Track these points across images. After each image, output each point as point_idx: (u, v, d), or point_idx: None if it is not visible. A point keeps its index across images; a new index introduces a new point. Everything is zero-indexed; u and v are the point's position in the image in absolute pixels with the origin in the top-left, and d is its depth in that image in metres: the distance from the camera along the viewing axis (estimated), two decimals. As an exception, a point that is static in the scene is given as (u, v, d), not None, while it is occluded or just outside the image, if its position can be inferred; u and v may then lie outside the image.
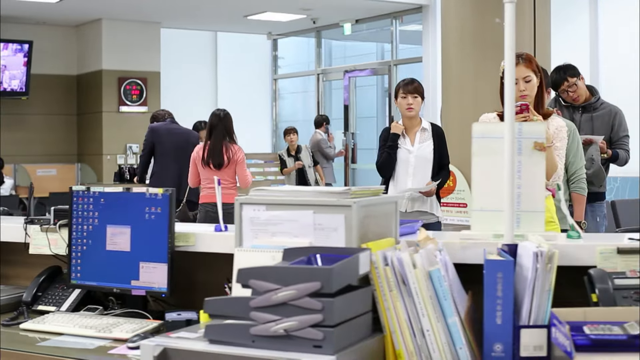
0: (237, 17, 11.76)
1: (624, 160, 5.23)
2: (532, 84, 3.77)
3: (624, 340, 1.84)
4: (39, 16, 11.37)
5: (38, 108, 12.12)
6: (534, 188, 2.26)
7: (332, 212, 2.11)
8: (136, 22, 11.98)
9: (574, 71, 5.20)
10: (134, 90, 12.10)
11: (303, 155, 10.52)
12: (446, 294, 2.05)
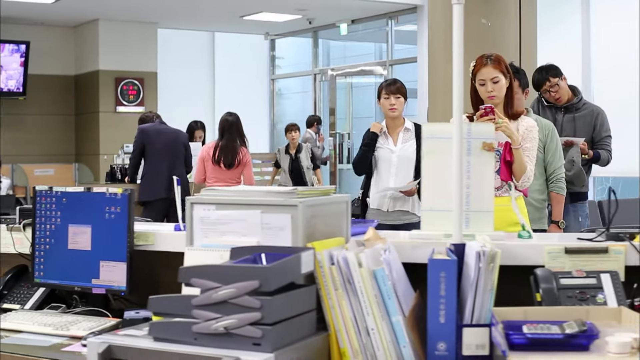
0: (234, 17, 11.80)
1: (605, 161, 5.24)
2: (500, 85, 3.78)
3: (560, 339, 1.86)
4: (36, 17, 11.42)
5: (36, 108, 12.17)
6: (483, 188, 2.28)
7: (278, 212, 2.14)
8: (133, 23, 12.03)
9: (556, 71, 5.21)
10: (130, 91, 12.15)
11: (302, 156, 9.88)
12: (390, 293, 2.07)
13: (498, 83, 3.78)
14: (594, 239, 2.31)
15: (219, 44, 13.79)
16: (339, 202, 2.30)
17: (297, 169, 9.78)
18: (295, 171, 9.78)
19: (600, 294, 2.11)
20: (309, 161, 9.83)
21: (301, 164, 9.74)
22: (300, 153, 9.82)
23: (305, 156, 9.82)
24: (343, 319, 2.10)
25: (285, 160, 9.85)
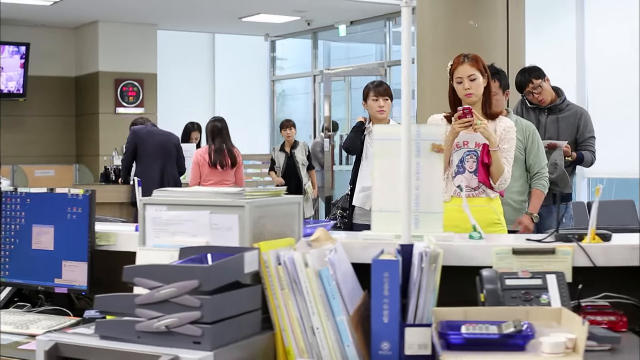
0: (232, 19, 11.83)
1: (589, 162, 5.24)
2: (477, 83, 3.80)
3: (495, 339, 1.88)
4: (36, 18, 11.48)
5: (36, 109, 12.23)
6: (432, 189, 2.30)
7: (226, 213, 2.16)
8: (133, 24, 12.08)
9: (539, 73, 5.22)
10: (130, 92, 12.20)
11: (297, 151, 9.52)
12: (334, 292, 2.09)
13: (475, 81, 3.80)
14: (543, 240, 2.32)
15: (219, 45, 13.83)
16: (290, 203, 2.32)
17: (292, 165, 9.45)
18: (289, 168, 9.45)
19: (545, 295, 2.13)
20: (304, 157, 9.51)
21: (296, 159, 9.47)
22: (296, 149, 9.53)
23: (300, 152, 9.52)
24: (289, 318, 2.12)
25: (280, 158, 9.57)
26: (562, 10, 8.82)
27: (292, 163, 9.44)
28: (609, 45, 8.30)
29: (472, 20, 6.00)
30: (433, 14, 6.24)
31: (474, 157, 3.82)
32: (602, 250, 2.24)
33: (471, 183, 3.80)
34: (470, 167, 3.82)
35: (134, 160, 7.52)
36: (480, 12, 6.02)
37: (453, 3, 6.08)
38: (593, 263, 2.22)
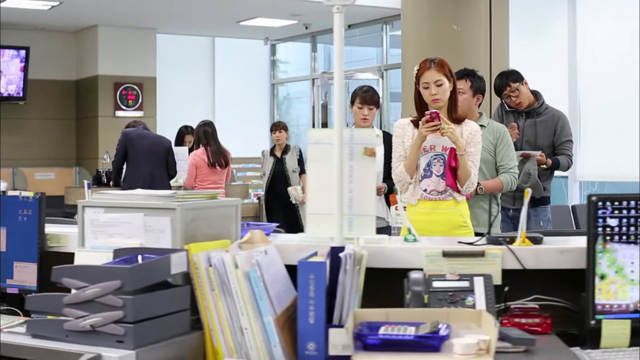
0: (231, 23, 11.89)
1: (566, 166, 5.25)
2: (443, 88, 3.83)
3: (410, 340, 1.91)
4: (36, 22, 11.57)
5: (37, 113, 12.32)
6: (365, 192, 2.33)
7: (159, 215, 2.21)
8: (132, 28, 12.15)
9: (517, 76, 5.24)
10: (129, 95, 12.27)
11: (288, 157, 8.55)
12: (262, 294, 2.13)
13: (442, 86, 3.83)
14: (475, 242, 2.35)
15: (219, 49, 13.89)
16: (226, 206, 2.36)
17: (280, 172, 8.53)
18: (277, 174, 8.54)
19: (471, 297, 2.16)
20: (296, 164, 8.50)
21: (286, 167, 8.51)
22: (287, 154, 8.59)
23: (291, 158, 8.56)
24: (219, 318, 2.16)
25: (268, 163, 8.74)
26: (553, 13, 8.82)
27: (281, 169, 8.55)
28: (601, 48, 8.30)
29: (454, 24, 6.03)
30: (416, 18, 6.27)
31: (441, 160, 3.85)
32: (532, 253, 2.26)
33: (438, 187, 3.83)
34: (438, 171, 3.85)
35: (124, 162, 7.60)
36: (462, 16, 6.05)
37: (436, 7, 6.12)
38: (522, 266, 2.25)
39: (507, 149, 4.46)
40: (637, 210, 2.12)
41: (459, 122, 3.91)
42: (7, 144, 12.00)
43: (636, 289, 2.13)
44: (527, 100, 5.27)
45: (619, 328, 2.10)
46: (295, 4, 10.58)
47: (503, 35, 6.23)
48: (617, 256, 2.12)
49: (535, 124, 5.25)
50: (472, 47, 6.04)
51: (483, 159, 4.42)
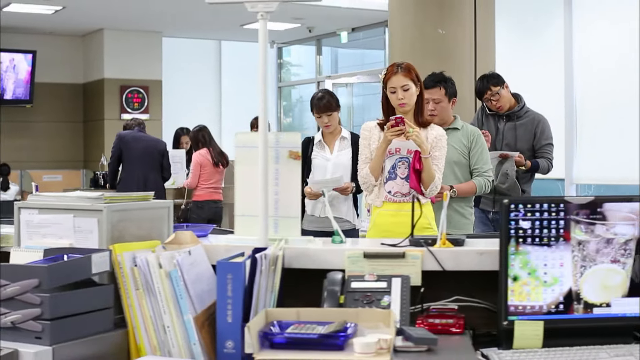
0: (235, 26, 11.98)
1: (545, 169, 5.27)
2: (410, 93, 3.88)
3: (314, 339, 1.96)
4: (44, 26, 11.73)
5: (44, 115, 12.48)
6: (291, 194, 2.38)
7: (87, 216, 2.27)
8: (138, 32, 12.28)
9: (497, 80, 5.26)
10: (135, 98, 12.40)
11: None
12: (182, 293, 2.19)
13: (408, 91, 3.88)
14: (398, 244, 2.40)
15: (226, 52, 13.99)
16: (157, 208, 2.42)
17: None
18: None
19: (387, 297, 2.20)
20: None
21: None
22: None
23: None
24: (142, 317, 2.23)
25: None
26: (549, 16, 8.82)
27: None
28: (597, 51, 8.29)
29: (440, 28, 6.07)
30: (402, 22, 6.32)
31: (405, 163, 3.89)
32: (451, 255, 2.31)
33: (402, 189, 3.88)
34: (402, 174, 3.89)
35: (119, 165, 7.70)
36: (446, 20, 6.08)
37: (422, 11, 6.16)
38: (442, 267, 2.29)
39: (482, 152, 4.49)
40: (549, 213, 2.16)
41: (424, 126, 3.96)
42: (15, 146, 12.18)
43: (549, 290, 2.17)
44: (508, 103, 5.30)
45: (532, 329, 2.14)
46: (297, 7, 10.64)
47: (489, 38, 6.25)
48: (530, 258, 2.16)
49: (516, 127, 5.27)
50: (457, 50, 6.07)
51: (456, 161, 4.46)
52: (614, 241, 2.18)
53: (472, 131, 4.54)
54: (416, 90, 3.91)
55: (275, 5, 2.36)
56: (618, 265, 2.19)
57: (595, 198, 2.18)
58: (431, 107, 4.45)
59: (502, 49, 9.33)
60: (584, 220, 2.17)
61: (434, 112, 4.46)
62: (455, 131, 4.52)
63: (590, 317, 2.18)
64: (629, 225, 2.19)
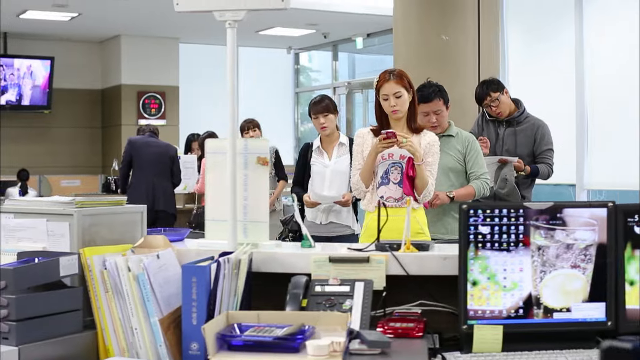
0: (250, 32, 12.08)
1: (545, 175, 5.26)
2: (402, 100, 3.91)
3: (270, 341, 2.00)
4: (62, 33, 11.89)
5: (63, 121, 12.65)
6: (259, 200, 2.43)
7: (59, 220, 2.33)
8: (155, 38, 12.41)
9: (497, 86, 5.27)
10: (152, 104, 12.53)
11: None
12: (149, 295, 2.24)
13: (401, 98, 3.91)
14: (364, 249, 2.44)
15: (243, 58, 14.08)
16: (130, 212, 2.48)
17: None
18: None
19: (348, 301, 2.24)
20: (271, 166, 7.03)
21: None
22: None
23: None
24: (112, 319, 2.28)
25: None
26: (560, 22, 8.80)
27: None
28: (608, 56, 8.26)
29: (443, 34, 6.09)
30: (406, 28, 6.35)
31: (398, 168, 3.92)
32: (415, 260, 2.34)
33: (395, 194, 3.90)
34: (395, 179, 3.92)
35: (130, 170, 7.77)
36: (449, 27, 6.10)
37: (425, 18, 6.19)
38: (406, 272, 2.32)
39: (477, 157, 4.51)
40: (509, 219, 2.19)
41: (417, 132, 3.98)
42: (34, 151, 12.36)
43: (509, 295, 2.19)
44: (508, 109, 5.30)
45: (491, 333, 2.17)
46: (311, 13, 10.71)
47: (493, 45, 6.26)
48: (489, 263, 2.18)
49: (515, 133, 5.27)
50: (460, 56, 6.09)
51: (452, 167, 4.48)
52: (574, 246, 2.20)
53: (466, 137, 4.56)
54: (409, 97, 3.94)
55: (243, 14, 2.43)
56: (578, 270, 2.21)
57: (554, 204, 2.20)
58: (433, 119, 4.48)
59: (514, 54, 9.36)
60: (544, 225, 2.19)
61: (436, 124, 4.49)
62: (450, 138, 4.55)
63: (550, 321, 2.20)
64: (589, 230, 2.21)
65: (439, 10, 6.11)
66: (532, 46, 9.19)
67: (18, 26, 11.16)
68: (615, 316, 2.21)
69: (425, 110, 4.45)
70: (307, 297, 2.26)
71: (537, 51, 9.08)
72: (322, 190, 5.01)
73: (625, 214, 2.22)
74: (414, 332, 2.18)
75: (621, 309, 2.21)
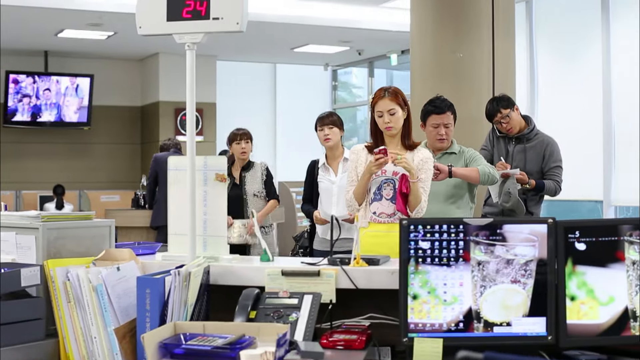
0: (286, 50, 12.24)
1: (552, 191, 5.25)
2: (396, 117, 3.96)
3: (207, 350, 2.09)
4: (102, 51, 12.19)
5: (102, 137, 12.94)
6: (218, 215, 2.52)
7: (26, 234, 2.47)
8: (193, 56, 12.63)
9: (507, 102, 5.29)
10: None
11: (249, 176, 5.98)
12: (106, 306, 2.36)
13: (395, 114, 3.96)
14: (317, 263, 2.51)
15: (281, 75, 14.26)
16: (98, 227, 2.60)
17: (236, 197, 5.83)
18: (234, 200, 5.62)
19: (295, 313, 2.32)
20: (261, 185, 6.01)
21: (245, 189, 5.95)
22: (248, 172, 6.04)
23: (253, 178, 6.02)
24: (73, 327, 2.40)
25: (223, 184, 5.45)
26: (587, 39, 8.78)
27: (237, 193, 5.92)
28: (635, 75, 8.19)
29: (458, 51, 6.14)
30: (421, 45, 6.40)
31: (391, 184, 3.98)
32: (364, 274, 2.41)
33: (388, 210, 3.96)
34: (387, 195, 3.98)
35: (156, 186, 7.94)
36: (463, 43, 6.14)
37: (439, 35, 6.23)
38: (355, 285, 2.39)
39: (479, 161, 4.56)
40: (449, 234, 2.24)
41: (411, 148, 4.02)
42: (74, 167, 12.68)
43: (449, 309, 2.25)
44: (518, 126, 5.31)
45: (431, 346, 2.22)
46: (342, 30, 10.81)
47: (509, 62, 6.26)
48: (429, 277, 2.24)
49: (525, 150, 5.28)
50: (475, 73, 6.11)
51: (456, 185, 4.53)
52: (514, 262, 2.25)
53: (468, 155, 4.60)
54: (403, 114, 3.98)
55: (200, 37, 2.53)
56: (518, 285, 2.25)
57: (494, 219, 2.25)
58: (442, 131, 4.54)
59: (542, 72, 9.36)
60: (484, 241, 2.24)
61: (444, 137, 4.55)
62: (452, 155, 4.60)
63: (491, 335, 2.25)
64: (529, 246, 2.25)
65: (454, 27, 6.15)
66: (561, 65, 9.19)
67: (58, 45, 11.49)
68: (555, 331, 2.25)
69: (436, 122, 4.53)
70: (257, 308, 2.34)
71: (566, 69, 9.07)
72: (330, 208, 5.08)
73: (566, 230, 2.26)
74: (355, 344, 2.24)
75: (562, 323, 2.25)
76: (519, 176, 5.07)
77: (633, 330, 2.25)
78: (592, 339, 2.25)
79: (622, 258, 2.26)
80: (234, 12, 2.51)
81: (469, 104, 5.97)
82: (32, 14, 9.47)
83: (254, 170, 6.08)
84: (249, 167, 6.09)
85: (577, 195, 8.61)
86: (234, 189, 5.87)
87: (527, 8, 9.45)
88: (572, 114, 8.87)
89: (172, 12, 2.55)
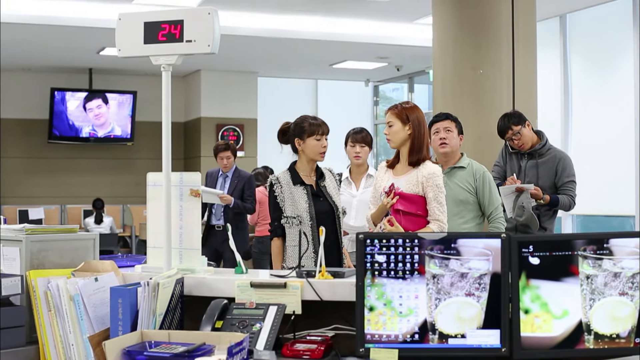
0: (324, 66, 12.37)
1: (566, 206, 5.25)
2: (393, 130, 4.01)
3: (167, 357, 2.20)
4: (146, 68, 12.49)
5: (145, 152, 13.23)
6: (193, 229, 2.64)
7: (11, 246, 2.61)
8: (234, 72, 12.86)
9: (519, 119, 5.32)
10: (231, 136, 12.96)
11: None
12: (83, 314, 2.49)
13: (392, 127, 4.04)
14: (287, 275, 2.60)
15: (322, 91, 14.39)
16: (82, 239, 2.73)
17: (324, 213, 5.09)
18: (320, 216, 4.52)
19: (259, 324, 2.41)
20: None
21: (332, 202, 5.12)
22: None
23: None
24: (53, 335, 2.53)
25: (301, 197, 4.85)
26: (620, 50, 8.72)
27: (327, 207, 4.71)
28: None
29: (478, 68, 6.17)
30: (443, 62, 6.45)
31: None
32: (328, 286, 2.49)
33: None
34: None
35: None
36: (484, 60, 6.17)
37: (459, 51, 6.27)
38: (320, 297, 2.48)
39: (490, 192, 4.58)
40: (404, 248, 2.32)
41: (416, 165, 4.04)
42: (117, 182, 12.99)
43: (405, 320, 2.32)
44: (530, 141, 5.33)
45: (387, 357, 2.29)
46: (379, 47, 10.90)
47: (530, 78, 6.27)
48: (385, 290, 2.32)
49: (537, 165, 5.30)
50: (495, 90, 6.14)
51: (463, 200, 4.57)
52: (468, 275, 2.31)
53: (477, 169, 4.64)
54: (403, 129, 4.02)
55: (175, 59, 2.65)
56: (473, 298, 2.31)
57: (448, 234, 2.32)
58: (442, 135, 4.63)
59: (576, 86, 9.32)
60: (438, 255, 2.31)
61: (445, 140, 4.63)
62: (462, 170, 4.65)
63: (445, 347, 2.31)
64: (483, 260, 2.31)
65: (474, 44, 6.19)
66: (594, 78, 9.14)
67: (101, 62, 11.82)
68: (510, 343, 2.30)
69: (437, 128, 4.70)
70: (224, 319, 2.44)
71: (599, 83, 9.03)
72: (349, 220, 5.17)
73: (520, 245, 2.32)
74: (314, 354, 2.33)
75: (516, 336, 2.30)
76: (533, 191, 5.09)
77: (587, 344, 2.29)
78: (546, 351, 2.30)
79: (576, 272, 2.30)
80: (206, 35, 2.64)
81: (489, 120, 5.99)
82: (76, 32, 9.78)
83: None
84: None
85: (609, 210, 8.54)
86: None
87: (561, 22, 9.43)
88: (605, 129, 8.81)
89: (149, 35, 2.68)
